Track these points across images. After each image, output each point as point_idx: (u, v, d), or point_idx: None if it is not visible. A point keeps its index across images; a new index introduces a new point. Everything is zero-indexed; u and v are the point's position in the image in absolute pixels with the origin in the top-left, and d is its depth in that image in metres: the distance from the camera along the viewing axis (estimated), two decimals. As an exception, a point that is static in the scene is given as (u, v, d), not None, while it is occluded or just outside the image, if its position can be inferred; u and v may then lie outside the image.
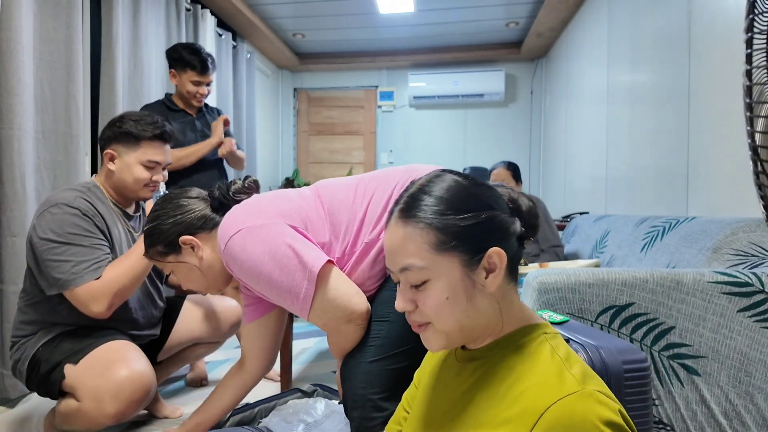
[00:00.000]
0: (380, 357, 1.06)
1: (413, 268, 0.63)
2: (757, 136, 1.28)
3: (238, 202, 1.19)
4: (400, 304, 0.67)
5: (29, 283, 1.44)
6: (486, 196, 0.66)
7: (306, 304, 1.04)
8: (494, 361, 0.65)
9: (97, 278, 1.34)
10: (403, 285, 0.67)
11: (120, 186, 1.51)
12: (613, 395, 0.58)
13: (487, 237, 0.64)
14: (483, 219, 0.64)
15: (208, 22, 3.34)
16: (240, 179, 1.25)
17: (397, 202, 0.68)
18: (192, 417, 1.32)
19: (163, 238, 1.19)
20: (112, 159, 1.49)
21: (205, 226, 1.20)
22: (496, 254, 0.63)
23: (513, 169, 3.00)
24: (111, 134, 1.49)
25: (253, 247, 1.03)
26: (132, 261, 1.38)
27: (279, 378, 2.13)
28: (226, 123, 2.40)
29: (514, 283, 0.68)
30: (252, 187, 1.25)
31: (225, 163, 2.50)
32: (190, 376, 2.10)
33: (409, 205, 0.65)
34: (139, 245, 1.40)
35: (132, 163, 1.49)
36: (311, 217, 1.11)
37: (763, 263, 1.26)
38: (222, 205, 1.22)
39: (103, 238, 1.41)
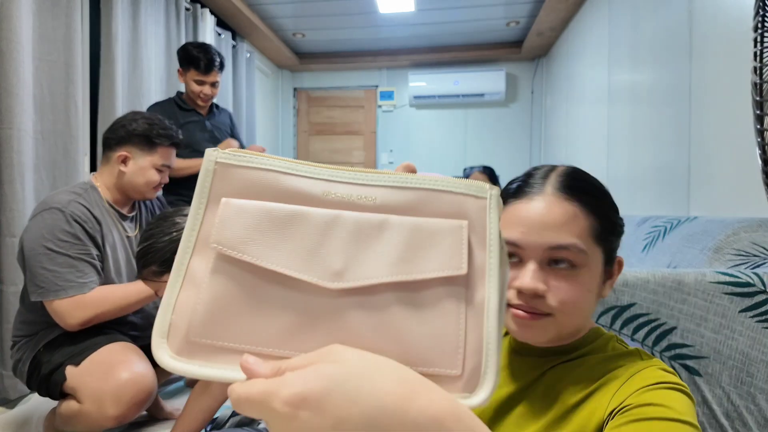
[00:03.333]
0: None
1: (574, 249, 0.58)
2: (766, 134, 1.27)
3: None
4: (533, 284, 0.58)
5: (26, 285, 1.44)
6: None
7: None
8: (574, 356, 0.64)
9: (83, 294, 1.34)
10: (540, 264, 0.59)
11: (128, 188, 1.50)
12: None
13: (618, 242, 0.64)
14: (622, 223, 0.64)
15: (208, 21, 3.34)
16: None
17: (534, 174, 0.65)
18: None
19: (158, 256, 1.17)
20: (125, 161, 1.48)
21: None
22: (619, 263, 0.64)
23: (489, 173, 2.96)
24: (124, 134, 1.47)
25: None
26: (126, 292, 1.39)
27: None
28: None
29: None
30: None
31: None
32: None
33: (574, 183, 0.61)
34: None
35: (146, 167, 1.49)
36: None
37: (765, 263, 1.26)
38: None
39: (92, 246, 1.40)
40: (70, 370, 1.36)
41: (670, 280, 1.14)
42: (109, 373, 1.32)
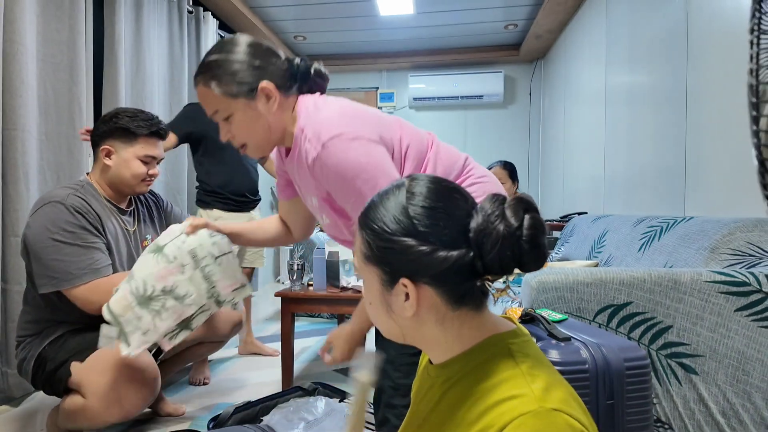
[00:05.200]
0: None
1: (355, 266, 0.69)
2: (763, 136, 1.29)
3: (314, 85, 1.13)
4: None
5: (30, 283, 1.45)
6: (421, 221, 0.60)
7: None
8: (456, 379, 0.63)
9: (99, 278, 1.35)
10: None
11: (116, 181, 1.52)
12: (578, 409, 0.56)
13: (401, 265, 0.61)
14: (398, 246, 0.60)
15: (210, 24, 3.36)
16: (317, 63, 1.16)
17: None
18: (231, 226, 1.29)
19: (243, 75, 1.04)
20: (108, 154, 1.50)
21: (284, 86, 1.07)
22: (404, 285, 0.61)
23: (510, 169, 3.00)
24: (106, 129, 1.49)
25: (356, 156, 1.00)
26: None
27: (278, 353, 2.12)
28: None
29: (468, 308, 0.63)
30: (327, 79, 1.17)
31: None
32: (192, 374, 2.11)
33: (364, 210, 0.66)
34: None
35: (129, 158, 1.49)
36: (396, 153, 1.11)
37: (760, 263, 1.27)
38: (301, 76, 1.12)
39: (97, 234, 1.42)
40: (75, 366, 1.38)
41: (667, 280, 1.16)
42: (114, 369, 1.34)
